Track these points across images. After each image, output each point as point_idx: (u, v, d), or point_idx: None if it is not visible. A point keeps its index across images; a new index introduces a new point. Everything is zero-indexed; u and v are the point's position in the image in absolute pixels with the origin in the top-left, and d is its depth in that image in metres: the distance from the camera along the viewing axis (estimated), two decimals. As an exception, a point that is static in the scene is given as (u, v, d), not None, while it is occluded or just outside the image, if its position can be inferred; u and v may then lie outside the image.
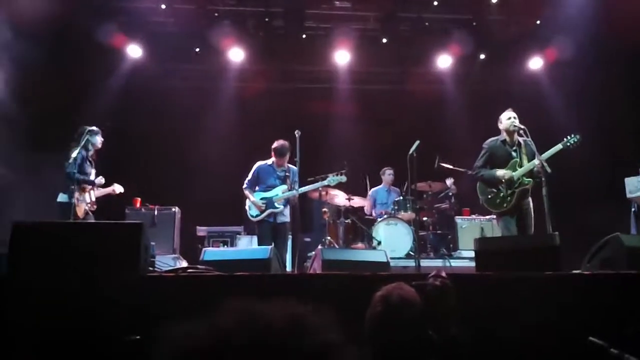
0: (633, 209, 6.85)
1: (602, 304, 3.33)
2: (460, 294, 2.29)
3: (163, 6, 8.76)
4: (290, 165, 6.75)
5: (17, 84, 6.90)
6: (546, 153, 5.66)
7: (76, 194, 6.21)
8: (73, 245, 3.42)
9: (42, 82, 7.30)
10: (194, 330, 0.83)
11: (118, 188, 6.87)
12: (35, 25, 6.78)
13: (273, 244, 6.48)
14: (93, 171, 6.65)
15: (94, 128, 6.60)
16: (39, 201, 6.78)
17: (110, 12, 8.63)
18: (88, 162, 6.59)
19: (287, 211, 6.70)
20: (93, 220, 6.33)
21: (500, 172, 5.83)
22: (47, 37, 7.20)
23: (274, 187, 6.75)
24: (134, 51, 9.34)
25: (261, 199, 6.69)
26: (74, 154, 6.14)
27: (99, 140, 6.65)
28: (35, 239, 3.42)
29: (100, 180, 6.60)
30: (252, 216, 6.77)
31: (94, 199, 6.55)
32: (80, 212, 6.26)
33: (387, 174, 9.00)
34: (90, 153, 6.63)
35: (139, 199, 8.33)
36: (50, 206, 6.37)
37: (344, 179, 7.04)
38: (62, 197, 6.28)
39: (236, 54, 9.75)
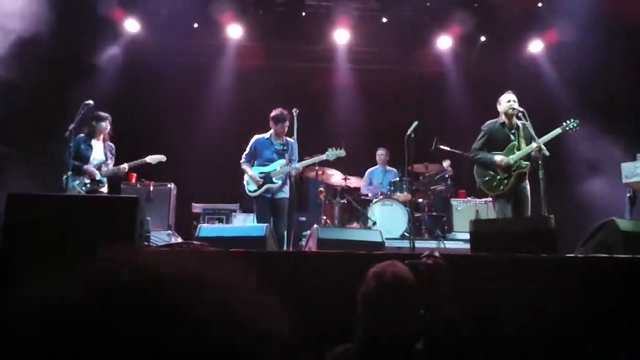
0: (628, 194, 6.87)
1: (596, 288, 3.35)
2: (454, 274, 2.29)
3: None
4: (289, 139, 6.61)
5: (14, 58, 6.81)
6: (545, 137, 5.66)
7: (76, 180, 6.18)
8: (68, 218, 3.40)
9: (38, 56, 7.22)
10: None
11: (123, 168, 6.76)
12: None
13: (272, 219, 6.49)
14: (99, 153, 6.54)
15: (101, 113, 6.53)
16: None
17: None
18: (89, 146, 6.51)
19: (286, 187, 6.59)
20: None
21: (497, 157, 5.81)
22: (44, 10, 7.11)
23: (272, 161, 6.64)
24: (132, 26, 9.26)
25: (259, 173, 6.62)
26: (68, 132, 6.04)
27: (104, 125, 6.54)
28: (29, 211, 3.39)
29: (93, 171, 6.42)
30: (249, 191, 6.68)
31: (99, 179, 6.45)
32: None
33: (378, 154, 9.01)
34: (98, 137, 6.56)
35: (135, 174, 8.31)
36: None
37: (342, 153, 6.95)
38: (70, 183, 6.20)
39: (235, 31, 9.69)
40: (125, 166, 6.71)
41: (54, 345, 0.63)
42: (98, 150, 6.58)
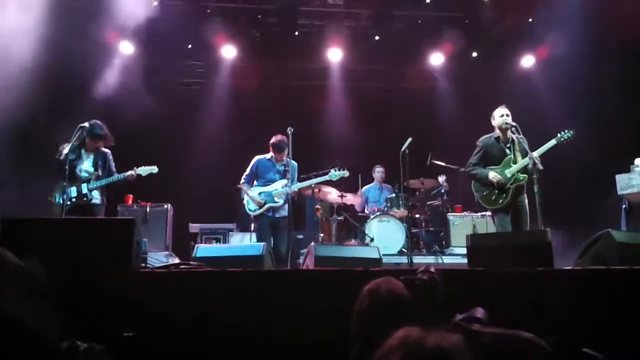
0: (624, 206, 6.89)
1: (593, 299, 3.35)
2: (451, 289, 2.30)
3: (155, 2, 8.72)
4: (289, 160, 6.63)
5: (7, 80, 6.84)
6: (540, 149, 5.70)
7: (61, 194, 5.94)
8: (65, 241, 3.39)
9: (33, 78, 7.25)
10: None
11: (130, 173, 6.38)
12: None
13: (272, 238, 6.50)
14: (87, 165, 6.36)
15: (95, 130, 6.18)
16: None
17: (103, 9, 8.58)
18: (78, 157, 6.22)
19: (286, 206, 6.62)
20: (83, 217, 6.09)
21: (492, 174, 5.83)
22: (41, 32, 7.17)
23: (273, 181, 6.71)
24: (126, 48, 9.32)
25: (259, 193, 6.66)
26: (64, 150, 5.96)
27: (98, 144, 6.27)
28: (25, 235, 3.39)
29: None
30: (250, 210, 6.72)
31: (85, 192, 6.27)
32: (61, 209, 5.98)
33: (377, 172, 9.04)
34: (89, 148, 6.26)
35: (131, 196, 8.30)
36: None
37: (346, 173, 7.01)
38: (57, 197, 6.08)
39: (229, 51, 9.78)
40: (130, 173, 6.32)
41: None
42: (87, 162, 6.31)
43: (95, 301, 3.17)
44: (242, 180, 6.82)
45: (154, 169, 6.51)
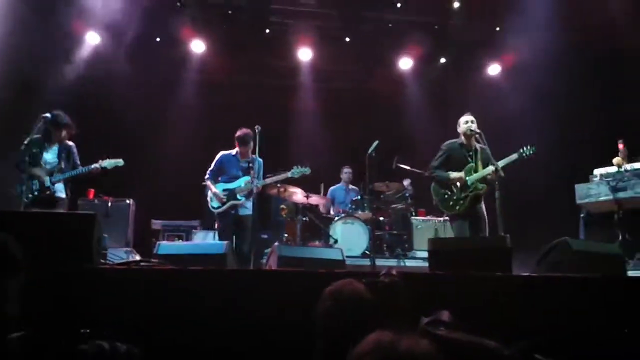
0: (582, 215, 7.06)
1: (550, 306, 3.43)
2: (413, 292, 2.32)
3: (124, -7, 8.59)
4: (254, 156, 6.54)
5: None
6: (502, 161, 5.75)
7: (23, 186, 5.80)
8: (21, 235, 3.30)
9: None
10: None
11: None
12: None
13: (234, 236, 6.44)
14: (51, 157, 6.19)
15: (58, 120, 6.06)
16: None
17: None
18: (41, 150, 6.07)
19: (249, 204, 6.52)
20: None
21: (453, 175, 5.91)
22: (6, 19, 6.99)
23: (237, 178, 6.60)
24: (93, 38, 9.15)
25: (223, 190, 6.56)
26: (25, 141, 5.83)
27: (62, 135, 6.15)
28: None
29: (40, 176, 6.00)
30: (213, 208, 6.62)
31: (48, 185, 6.10)
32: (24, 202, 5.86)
33: (345, 172, 9.06)
34: (53, 139, 6.14)
35: (93, 190, 8.14)
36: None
37: (307, 170, 6.92)
38: (18, 188, 5.93)
39: (197, 46, 9.70)
40: (94, 166, 6.18)
41: None
42: (51, 154, 6.18)
43: (53, 297, 3.10)
44: (207, 176, 6.72)
45: (120, 161, 6.39)
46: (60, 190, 6.19)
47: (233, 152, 6.73)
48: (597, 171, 6.97)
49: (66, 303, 3.11)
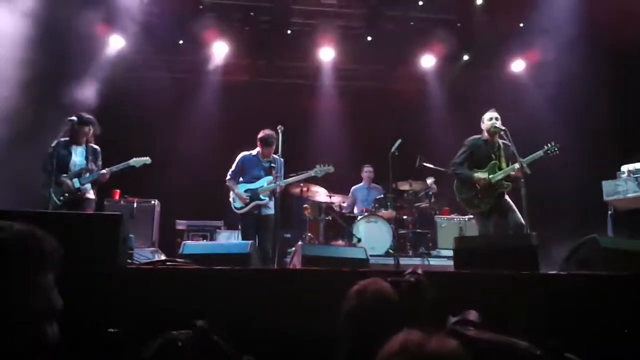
0: (610, 212, 6.95)
1: (578, 305, 3.37)
2: (438, 291, 2.30)
3: (147, -4, 8.69)
4: (275, 156, 6.58)
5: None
6: (526, 158, 5.68)
7: (54, 190, 5.90)
8: (52, 235, 3.35)
9: (24, 72, 7.19)
10: None
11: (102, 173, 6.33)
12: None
13: (257, 236, 6.46)
14: (79, 158, 6.28)
15: (84, 117, 6.20)
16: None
17: (93, 2, 8.50)
18: (69, 152, 6.17)
19: (272, 203, 6.56)
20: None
21: (477, 175, 5.84)
22: (29, 26, 7.11)
23: (258, 178, 6.63)
24: (117, 42, 9.26)
25: (245, 190, 6.59)
26: (53, 144, 5.93)
27: (86, 130, 6.23)
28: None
29: (68, 183, 6.10)
30: (236, 208, 6.65)
31: (77, 187, 6.20)
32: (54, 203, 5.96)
33: (366, 171, 9.03)
34: (80, 141, 6.24)
35: (118, 191, 8.25)
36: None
37: (331, 169, 6.93)
38: (45, 190, 6.02)
39: (220, 48, 9.75)
40: (105, 171, 6.27)
41: None
42: (79, 155, 6.27)
43: (80, 297, 3.14)
44: (228, 177, 6.76)
45: (147, 159, 6.53)
46: (90, 192, 6.30)
47: (254, 152, 6.75)
48: (625, 167, 6.85)
49: (93, 302, 3.14)
